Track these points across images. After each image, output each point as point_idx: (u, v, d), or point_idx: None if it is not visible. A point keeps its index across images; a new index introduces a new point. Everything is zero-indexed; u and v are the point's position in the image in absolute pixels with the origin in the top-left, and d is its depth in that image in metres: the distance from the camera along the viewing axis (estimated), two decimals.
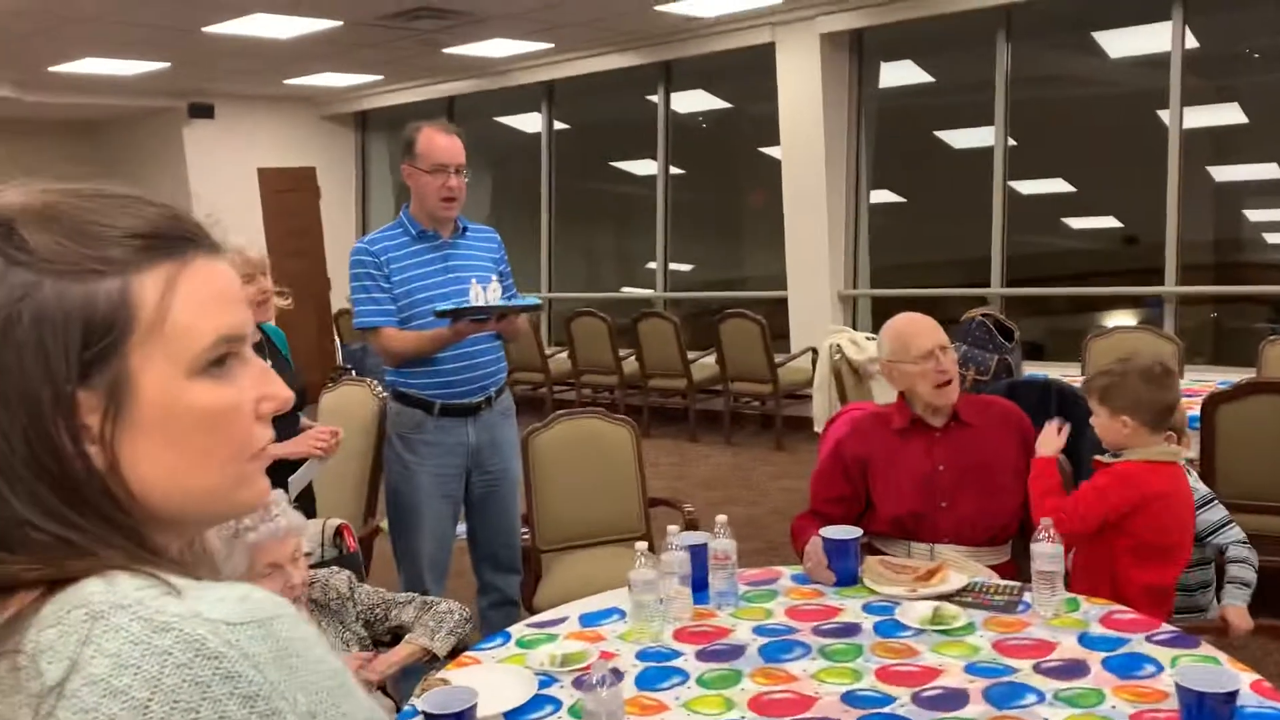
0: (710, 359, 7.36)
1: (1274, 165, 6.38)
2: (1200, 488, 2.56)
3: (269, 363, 2.84)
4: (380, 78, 9.11)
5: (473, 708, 1.65)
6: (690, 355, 7.38)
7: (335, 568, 2.34)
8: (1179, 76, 6.24)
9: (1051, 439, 2.43)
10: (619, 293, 9.48)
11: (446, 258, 3.14)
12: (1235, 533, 2.48)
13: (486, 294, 2.93)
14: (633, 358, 7.62)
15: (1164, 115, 6.34)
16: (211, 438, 0.70)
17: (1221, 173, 6.77)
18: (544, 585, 3.36)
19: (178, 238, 0.70)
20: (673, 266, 8.91)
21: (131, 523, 0.67)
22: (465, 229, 3.23)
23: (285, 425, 2.90)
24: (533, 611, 2.93)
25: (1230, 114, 6.69)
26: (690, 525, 3.30)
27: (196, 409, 0.69)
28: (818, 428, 5.64)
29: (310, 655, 0.65)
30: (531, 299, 3.13)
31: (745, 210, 9.02)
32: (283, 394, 0.77)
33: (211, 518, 0.76)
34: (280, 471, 2.79)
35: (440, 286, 3.08)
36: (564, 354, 8.14)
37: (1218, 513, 2.51)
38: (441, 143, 3.09)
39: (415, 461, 3.13)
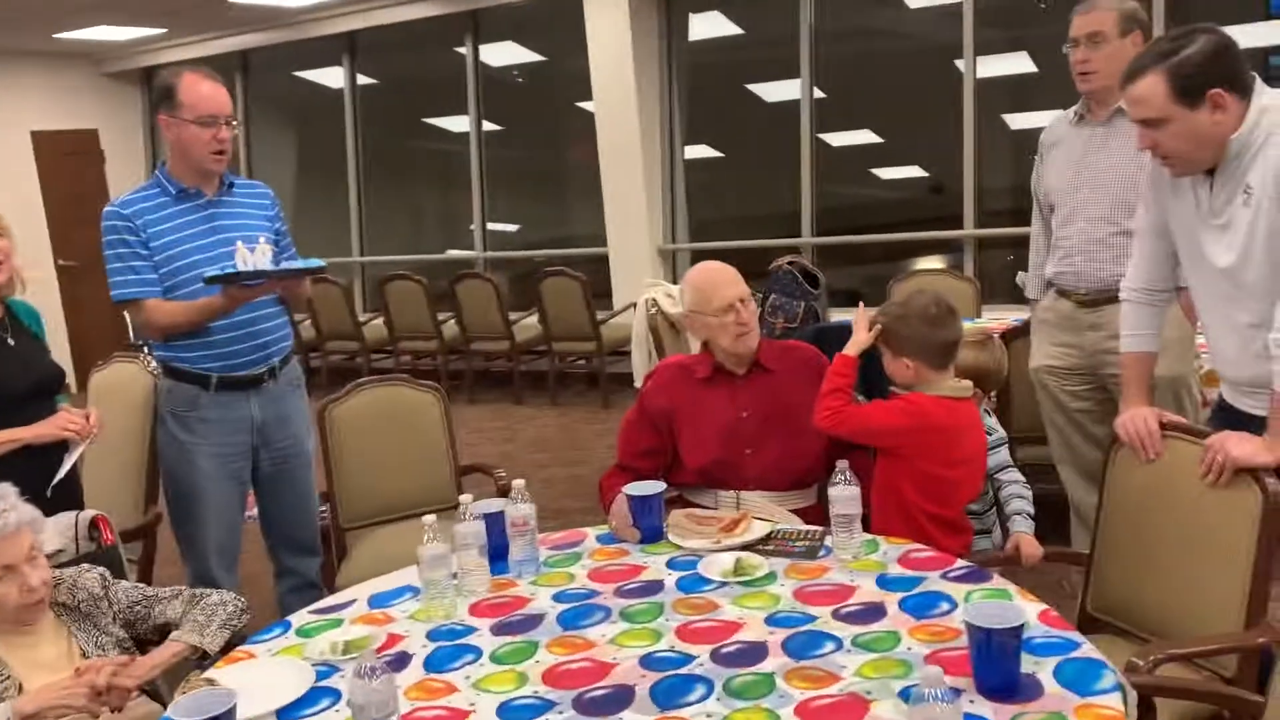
0: (533, 319, 7.22)
1: (1063, 113, 6.69)
2: (998, 430, 2.60)
3: (12, 342, 2.58)
4: (164, 31, 8.45)
5: (229, 712, 1.48)
6: (513, 316, 7.22)
7: (85, 565, 2.10)
8: (971, 27, 6.44)
9: (859, 336, 2.38)
10: (442, 255, 9.18)
11: (212, 218, 2.85)
12: (1016, 474, 2.54)
13: (255, 256, 2.67)
14: (453, 321, 7.39)
15: (959, 64, 6.54)
16: None
17: (1016, 120, 7.05)
18: (347, 565, 3.17)
19: None
20: (499, 227, 8.69)
21: None
22: (232, 184, 2.94)
23: (40, 409, 2.61)
24: (334, 593, 2.75)
25: (1022, 63, 6.97)
26: (502, 492, 3.18)
27: None
28: (637, 383, 5.60)
29: None
30: (314, 261, 2.85)
31: (568, 166, 8.87)
32: None
33: None
34: (34, 459, 2.50)
35: (207, 250, 2.80)
36: (379, 320, 7.83)
37: (1004, 454, 2.57)
38: (208, 91, 2.79)
39: (192, 442, 2.87)
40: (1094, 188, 2.92)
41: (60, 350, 2.47)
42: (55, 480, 2.55)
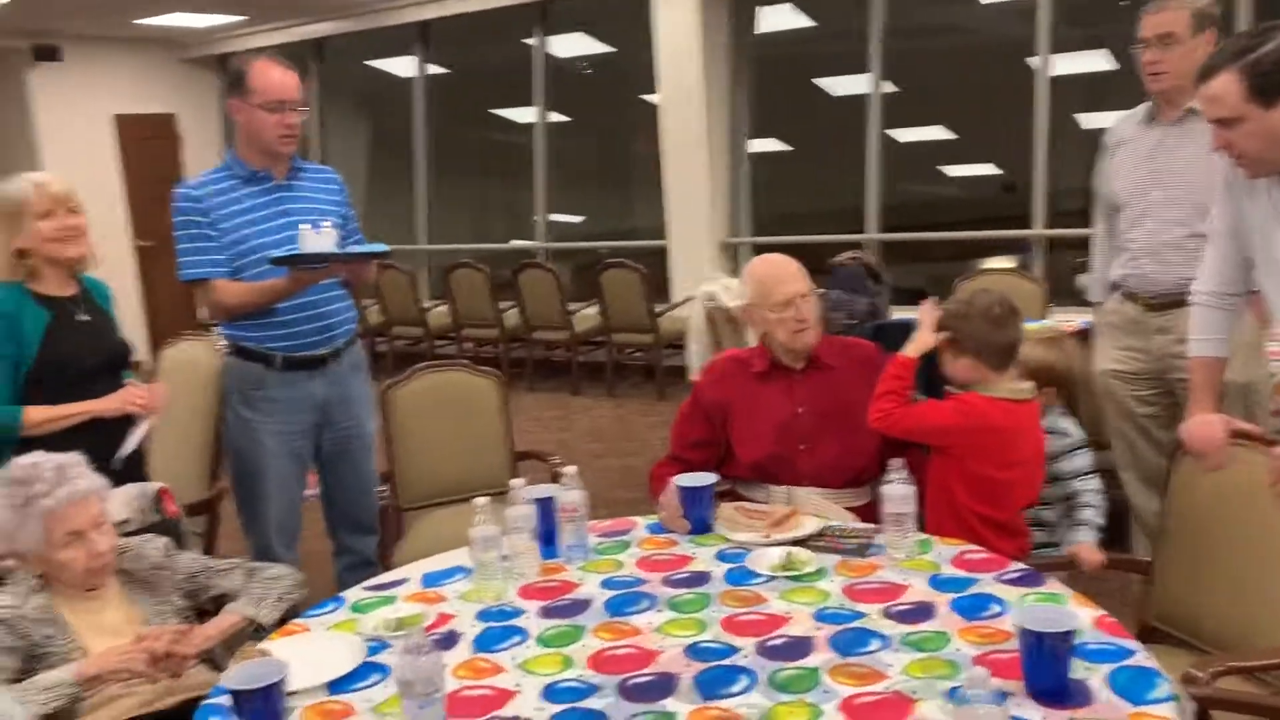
0: (593, 310, 7.25)
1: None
2: (1074, 434, 2.55)
3: (86, 318, 2.65)
4: (242, 18, 8.63)
5: (279, 683, 1.52)
6: (573, 307, 7.25)
7: (149, 535, 2.16)
8: (1048, 23, 6.30)
9: (924, 337, 2.35)
10: (506, 245, 9.25)
11: (280, 201, 2.90)
12: (1094, 482, 2.48)
13: (319, 238, 2.71)
14: (514, 310, 7.45)
15: (1034, 62, 6.41)
16: None
17: (1091, 120, 6.89)
18: (404, 544, 3.22)
19: None
20: (561, 218, 8.73)
21: None
22: (301, 169, 2.99)
23: (109, 384, 2.68)
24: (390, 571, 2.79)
25: (1098, 61, 6.81)
26: (555, 478, 3.19)
27: None
28: (693, 375, 5.59)
29: None
30: (378, 245, 2.88)
31: (632, 159, 8.87)
32: None
33: None
34: (101, 432, 2.58)
35: (275, 232, 2.85)
36: (443, 307, 7.92)
37: (1081, 461, 2.51)
38: (278, 77, 2.84)
39: (257, 420, 2.93)
40: (1165, 189, 2.84)
41: (136, 328, 2.54)
42: (123, 454, 2.62)
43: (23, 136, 8.72)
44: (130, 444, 2.63)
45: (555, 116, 8.53)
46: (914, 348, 2.35)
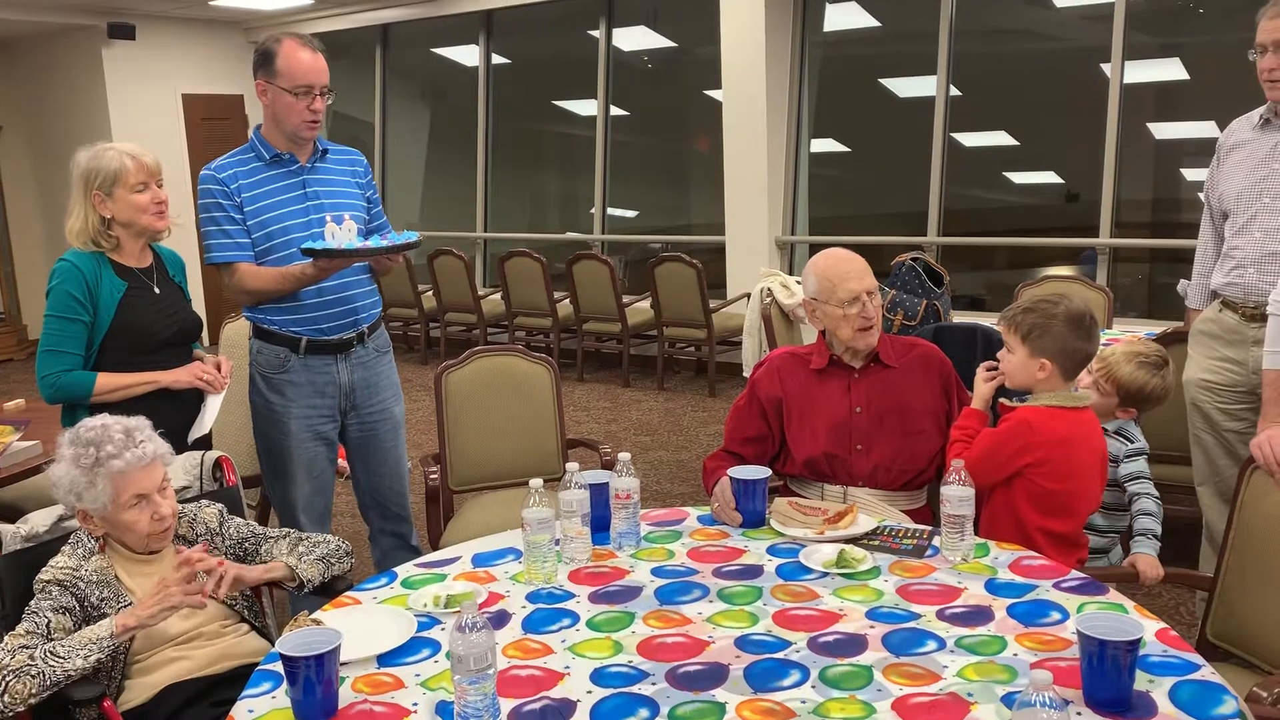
0: (646, 304, 7.25)
1: (1213, 124, 6.36)
2: (1140, 440, 2.50)
3: (158, 290, 2.70)
4: (311, 1, 8.74)
5: (334, 650, 1.52)
6: (626, 300, 7.25)
7: (205, 501, 2.19)
8: (1122, 30, 6.17)
9: (982, 390, 2.34)
10: (561, 235, 9.28)
11: (305, 184, 2.88)
12: (1150, 488, 2.42)
13: (340, 232, 2.68)
14: (567, 301, 7.47)
15: (1107, 69, 6.28)
16: None
17: (1161, 130, 6.74)
18: (453, 525, 3.24)
19: None
20: (617, 211, 8.73)
21: None
22: (326, 151, 2.96)
23: (178, 356, 2.73)
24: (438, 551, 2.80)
25: (1172, 70, 6.65)
26: (607, 467, 3.20)
27: None
28: (746, 372, 5.57)
29: None
30: (409, 235, 2.82)
31: (691, 155, 8.85)
32: None
33: None
34: (168, 402, 2.62)
35: (299, 215, 2.84)
36: (498, 295, 7.96)
37: (1141, 464, 2.46)
38: (307, 61, 2.79)
39: (281, 403, 2.91)
40: (1275, 195, 2.76)
41: (195, 305, 2.59)
42: (199, 432, 2.66)
43: (96, 112, 8.91)
44: (207, 422, 2.67)
45: (615, 110, 8.53)
46: (977, 399, 2.33)
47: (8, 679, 1.75)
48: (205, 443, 2.74)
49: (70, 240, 2.59)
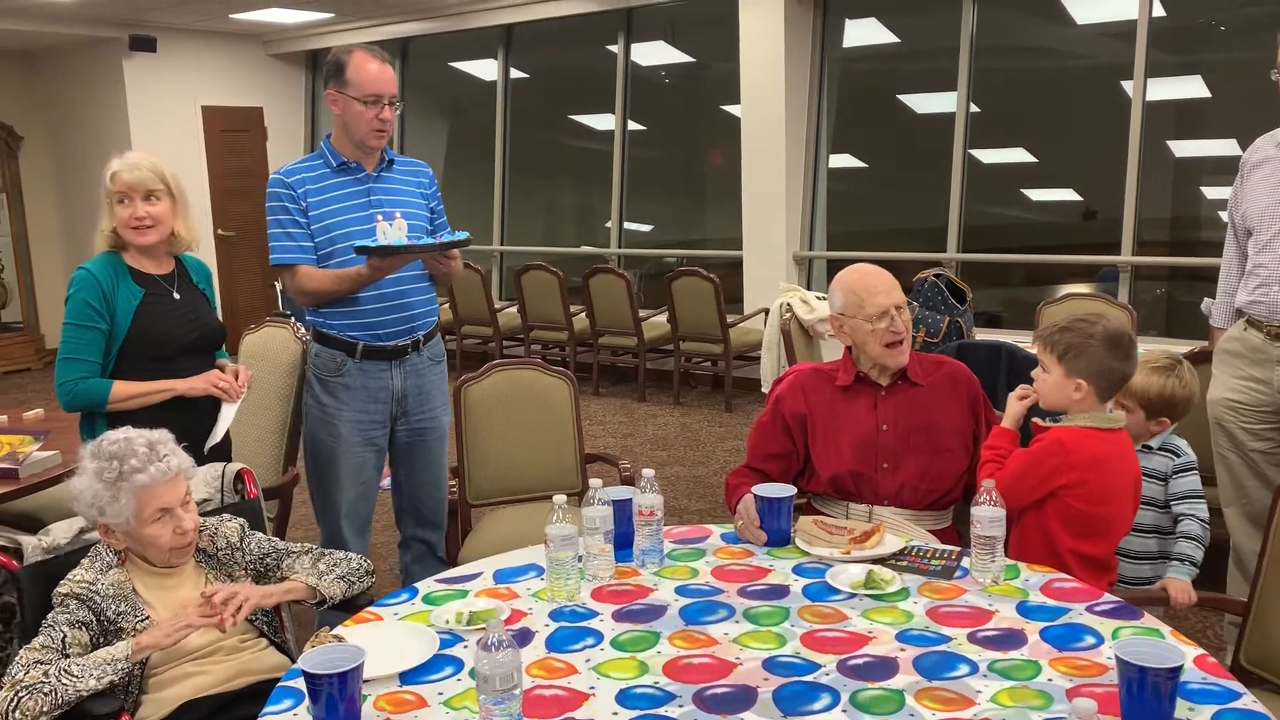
0: (662, 318, 7.23)
1: (1233, 142, 6.32)
2: (1187, 454, 2.46)
3: (178, 296, 2.69)
4: (330, 15, 8.78)
5: (357, 669, 1.50)
6: (643, 314, 7.24)
7: (227, 515, 2.17)
8: (1144, 47, 6.14)
9: (1014, 409, 2.31)
10: (577, 249, 9.28)
11: (370, 192, 2.93)
12: (1199, 508, 2.38)
13: (391, 229, 2.70)
14: (584, 314, 7.45)
15: (1128, 86, 6.25)
16: None
17: (1181, 148, 6.70)
18: (471, 539, 3.22)
19: None
20: (633, 225, 8.73)
21: None
22: (392, 161, 3.02)
23: (198, 363, 2.72)
24: (456, 566, 2.79)
25: (1193, 87, 6.62)
26: (625, 482, 3.17)
27: None
28: (764, 387, 5.53)
29: None
30: (459, 234, 2.85)
31: (708, 169, 8.85)
32: None
33: None
34: (185, 411, 2.61)
35: (363, 223, 2.88)
36: (514, 308, 7.96)
37: (1191, 481, 2.42)
38: (375, 71, 2.86)
39: (334, 406, 2.95)
40: None
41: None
42: (213, 441, 2.65)
43: (117, 124, 8.96)
44: (220, 430, 2.67)
45: (632, 125, 8.54)
46: (1009, 419, 2.30)
47: (20, 695, 1.73)
48: (226, 454, 2.73)
49: (97, 241, 2.63)
